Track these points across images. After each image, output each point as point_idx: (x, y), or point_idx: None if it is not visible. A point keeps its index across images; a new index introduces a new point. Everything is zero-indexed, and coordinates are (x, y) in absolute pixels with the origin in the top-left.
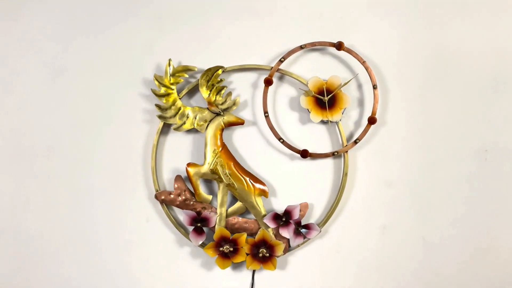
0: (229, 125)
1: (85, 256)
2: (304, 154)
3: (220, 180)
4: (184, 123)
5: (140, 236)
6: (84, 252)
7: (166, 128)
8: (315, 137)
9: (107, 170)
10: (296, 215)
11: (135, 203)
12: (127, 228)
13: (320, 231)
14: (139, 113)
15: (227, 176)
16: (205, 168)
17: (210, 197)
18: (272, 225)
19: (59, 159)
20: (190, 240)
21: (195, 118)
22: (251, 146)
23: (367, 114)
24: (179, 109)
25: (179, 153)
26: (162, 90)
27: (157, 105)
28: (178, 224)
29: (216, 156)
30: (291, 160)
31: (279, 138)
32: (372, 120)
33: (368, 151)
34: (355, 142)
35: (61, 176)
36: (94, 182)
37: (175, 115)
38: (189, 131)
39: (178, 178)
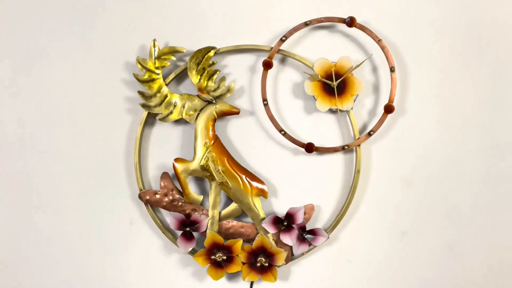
0: (223, 114)
1: (59, 264)
2: (310, 148)
3: (212, 178)
4: (171, 112)
5: (123, 241)
6: (58, 260)
7: (151, 119)
8: (322, 128)
9: (84, 166)
10: (300, 218)
11: (117, 204)
12: (108, 232)
13: (328, 237)
14: (121, 101)
15: (220, 173)
16: (194, 164)
17: (200, 197)
18: (272, 230)
19: (30, 154)
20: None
21: (184, 107)
22: (248, 139)
23: (383, 101)
24: (165, 96)
25: (166, 147)
26: (146, 75)
27: (140, 92)
28: (165, 228)
29: (208, 151)
30: (294, 155)
31: (281, 130)
32: (389, 109)
33: (384, 144)
34: (369, 134)
35: (32, 173)
36: (70, 180)
37: (160, 104)
38: (177, 122)
39: (164, 175)
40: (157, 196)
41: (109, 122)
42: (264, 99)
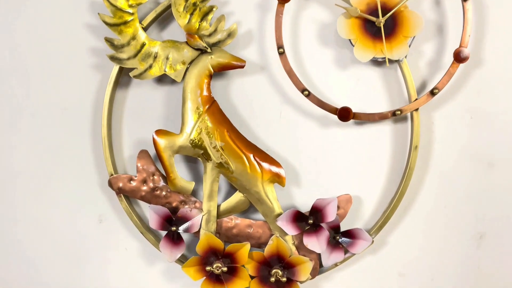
0: (221, 68)
1: (9, 270)
2: (345, 114)
3: (207, 158)
4: (150, 67)
5: (89, 245)
6: (6, 266)
7: (125, 77)
8: (363, 86)
9: (37, 143)
10: (331, 215)
11: (80, 194)
12: (69, 232)
13: (373, 241)
14: (84, 54)
15: (218, 150)
16: (183, 139)
17: (192, 184)
18: (292, 230)
19: None
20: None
21: (167, 58)
22: (258, 103)
23: (452, 46)
24: (142, 45)
25: (145, 115)
26: (116, 16)
27: (107, 40)
28: (145, 227)
29: (200, 119)
30: (322, 125)
31: (303, 90)
32: (460, 56)
33: (453, 109)
34: (432, 93)
35: None
36: (18, 163)
37: (135, 55)
38: (159, 80)
39: (143, 154)
40: (133, 183)
41: (68, 82)
42: (280, 46)
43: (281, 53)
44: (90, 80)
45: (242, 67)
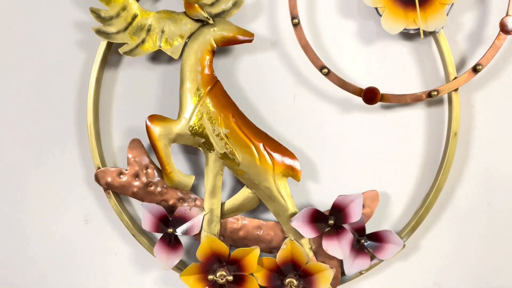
0: (226, 43)
1: None
2: (371, 96)
3: (209, 148)
4: (143, 41)
5: (73, 248)
6: None
7: (114, 56)
8: (392, 63)
9: (14, 133)
10: (355, 214)
11: (64, 191)
12: (50, 234)
13: (404, 245)
14: (66, 28)
15: (222, 139)
16: (180, 125)
17: (191, 179)
18: (309, 233)
19: None
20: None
21: (163, 32)
22: (268, 84)
23: (497, 15)
24: (134, 17)
25: (137, 99)
26: None
27: (93, 11)
28: (137, 229)
29: (201, 102)
30: (344, 109)
31: (322, 67)
32: (507, 27)
33: (498, 89)
34: (475, 70)
35: None
36: None
37: (126, 28)
38: (154, 57)
39: (135, 144)
40: (123, 177)
41: (48, 62)
42: (294, 17)
43: (296, 25)
44: (74, 58)
45: (250, 41)
